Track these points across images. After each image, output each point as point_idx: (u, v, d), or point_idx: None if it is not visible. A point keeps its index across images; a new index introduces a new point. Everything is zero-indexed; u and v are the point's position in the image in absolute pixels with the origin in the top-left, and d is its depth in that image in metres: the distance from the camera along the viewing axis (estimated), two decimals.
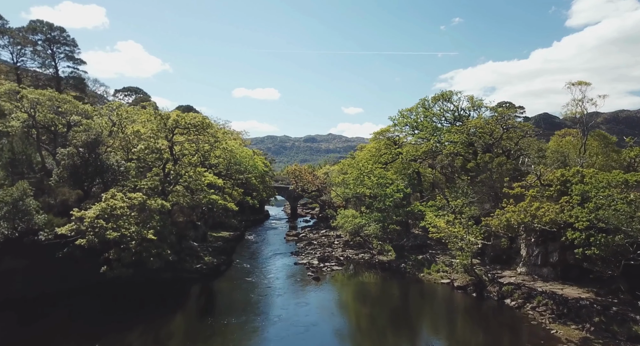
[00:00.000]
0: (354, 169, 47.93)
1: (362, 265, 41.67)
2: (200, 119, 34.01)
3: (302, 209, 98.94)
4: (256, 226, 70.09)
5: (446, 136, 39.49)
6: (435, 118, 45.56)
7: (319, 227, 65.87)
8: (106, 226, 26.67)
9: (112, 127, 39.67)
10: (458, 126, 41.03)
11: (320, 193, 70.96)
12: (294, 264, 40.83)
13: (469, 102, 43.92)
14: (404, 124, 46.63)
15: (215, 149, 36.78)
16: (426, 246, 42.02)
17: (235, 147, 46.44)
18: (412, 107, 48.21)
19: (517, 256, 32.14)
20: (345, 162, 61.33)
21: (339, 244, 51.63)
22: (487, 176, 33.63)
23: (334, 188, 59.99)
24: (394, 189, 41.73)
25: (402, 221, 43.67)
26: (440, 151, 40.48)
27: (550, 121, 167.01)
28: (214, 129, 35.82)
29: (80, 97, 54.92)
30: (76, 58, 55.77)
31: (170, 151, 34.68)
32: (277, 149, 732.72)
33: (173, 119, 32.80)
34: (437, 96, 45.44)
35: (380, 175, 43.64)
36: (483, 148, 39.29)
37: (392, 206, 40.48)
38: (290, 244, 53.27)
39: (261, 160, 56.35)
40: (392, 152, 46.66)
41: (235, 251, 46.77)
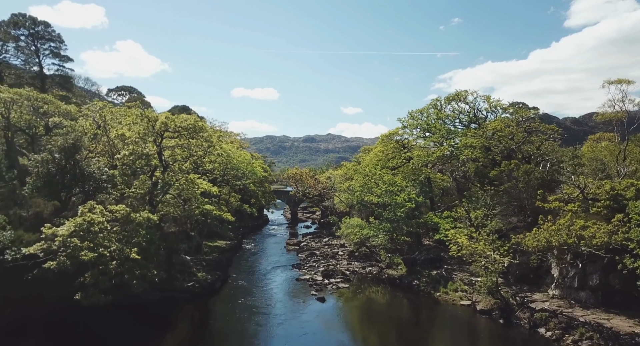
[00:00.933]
0: (359, 174, 44.43)
1: (370, 281, 38.20)
2: (192, 122, 30.46)
3: (302, 213, 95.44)
4: (255, 232, 66.57)
5: (462, 140, 36.03)
6: (448, 120, 42.11)
7: (321, 234, 62.37)
8: (81, 246, 23.08)
9: (96, 130, 36.12)
10: (475, 129, 37.61)
11: (322, 198, 67.46)
12: (295, 280, 37.32)
13: (485, 103, 40.51)
14: (414, 126, 43.15)
15: (209, 154, 33.23)
16: (440, 260, 38.52)
17: (232, 151, 42.93)
18: (422, 108, 44.74)
19: (547, 276, 28.68)
20: (349, 166, 57.84)
21: (344, 255, 48.15)
22: (512, 186, 30.17)
23: (338, 193, 56.52)
24: (404, 197, 38.23)
25: (413, 232, 40.20)
26: (456, 156, 37.00)
27: (549, 122, 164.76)
28: (207, 132, 32.25)
29: (66, 96, 51.37)
30: (62, 55, 52.19)
31: (159, 157, 31.14)
32: (276, 149, 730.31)
33: (161, 121, 29.25)
34: (451, 96, 41.98)
35: (389, 182, 40.15)
36: (503, 154, 35.84)
37: (404, 217, 36.99)
38: (291, 254, 49.79)
39: (260, 164, 52.92)
40: (402, 157, 43.17)
41: (232, 264, 43.23)
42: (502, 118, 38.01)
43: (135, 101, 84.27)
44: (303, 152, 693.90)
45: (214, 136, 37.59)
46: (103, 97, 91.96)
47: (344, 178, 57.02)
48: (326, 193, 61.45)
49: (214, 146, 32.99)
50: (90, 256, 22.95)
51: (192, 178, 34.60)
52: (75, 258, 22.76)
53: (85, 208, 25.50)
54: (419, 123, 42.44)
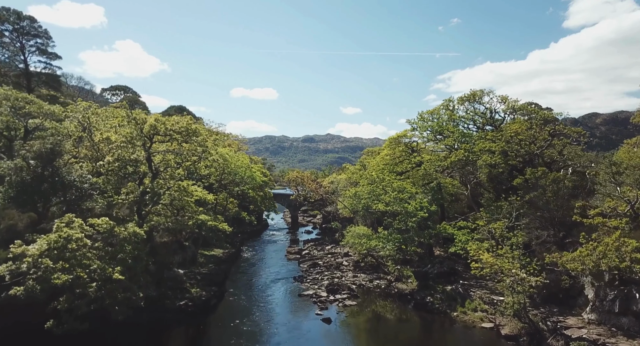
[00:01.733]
0: (366, 180, 41.49)
1: (379, 296, 35.23)
2: (185, 125, 27.49)
3: (302, 217, 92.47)
4: (254, 238, 63.60)
5: (480, 143, 33.12)
6: (461, 122, 39.22)
7: (324, 241, 59.40)
8: (54, 267, 20.11)
9: (81, 133, 33.11)
10: (494, 132, 34.72)
11: (324, 203, 64.50)
12: (298, 295, 34.34)
13: (502, 104, 37.58)
14: (424, 128, 40.21)
15: (204, 159, 30.27)
16: (455, 273, 35.59)
17: (229, 156, 39.95)
18: (433, 109, 41.82)
19: (579, 297, 25.77)
20: (353, 170, 54.91)
21: (349, 265, 45.18)
22: (539, 195, 27.26)
23: (342, 199, 53.62)
24: (416, 205, 35.31)
25: (425, 242, 37.29)
26: (472, 161, 34.06)
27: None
28: (202, 136, 29.29)
29: (54, 96, 48.35)
30: (50, 52, 49.13)
31: (149, 163, 28.15)
32: (275, 150, 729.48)
33: (150, 124, 26.27)
34: (465, 96, 39.07)
35: (398, 188, 37.22)
36: (524, 159, 32.95)
37: (416, 227, 34.07)
38: (292, 264, 46.85)
39: (259, 168, 50.01)
40: (412, 161, 40.22)
41: (229, 276, 40.24)
42: (521, 120, 35.11)
43: (129, 101, 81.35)
44: (302, 152, 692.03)
45: (209, 140, 34.60)
46: (97, 97, 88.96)
47: (348, 183, 54.13)
48: (328, 197, 58.48)
49: (209, 151, 29.97)
50: (64, 279, 19.97)
51: (185, 185, 31.61)
52: (46, 281, 19.78)
53: (62, 223, 22.51)
54: (430, 125, 39.50)
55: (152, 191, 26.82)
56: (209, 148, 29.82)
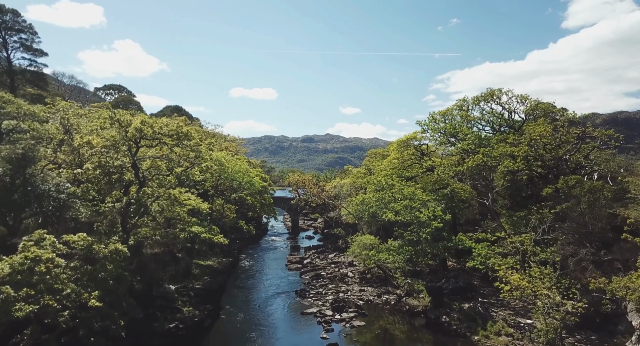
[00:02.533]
0: (373, 185, 38.51)
1: (388, 313, 32.28)
2: (175, 128, 24.46)
3: (303, 221, 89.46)
4: (253, 244, 60.58)
5: (499, 147, 30.17)
6: (477, 124, 36.29)
7: (326, 248, 56.38)
8: (15, 295, 17.08)
9: (63, 136, 30.02)
10: (515, 135, 31.78)
11: (326, 208, 61.50)
12: (300, 314, 31.35)
13: (522, 104, 34.62)
14: (436, 130, 37.23)
15: (197, 165, 27.25)
16: (472, 289, 32.62)
17: (225, 160, 36.94)
18: (446, 110, 38.88)
19: (621, 323, 22.80)
20: (357, 174, 51.91)
21: (354, 277, 42.18)
22: (572, 206, 24.32)
23: (346, 204, 50.63)
24: (429, 215, 32.33)
25: (438, 254, 34.35)
26: (490, 167, 31.07)
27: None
28: (194, 139, 26.26)
29: (39, 95, 45.29)
30: (35, 48, 46.04)
31: (135, 170, 25.11)
32: (274, 150, 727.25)
33: (135, 127, 23.24)
34: (481, 96, 36.11)
35: (409, 195, 34.24)
36: (548, 164, 30.00)
37: (429, 239, 31.12)
38: (293, 275, 43.87)
39: (258, 173, 46.99)
40: (423, 166, 37.23)
41: (225, 290, 37.27)
42: (545, 121, 32.14)
43: (123, 101, 78.27)
44: (301, 152, 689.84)
45: (203, 144, 31.59)
46: (90, 96, 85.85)
47: (352, 187, 51.19)
48: (331, 202, 55.47)
49: (202, 156, 26.94)
50: (27, 310, 16.93)
51: (176, 193, 28.56)
52: (6, 314, 16.76)
53: (30, 241, 19.47)
54: (442, 127, 36.51)
55: (138, 202, 23.79)
56: (202, 153, 26.78)
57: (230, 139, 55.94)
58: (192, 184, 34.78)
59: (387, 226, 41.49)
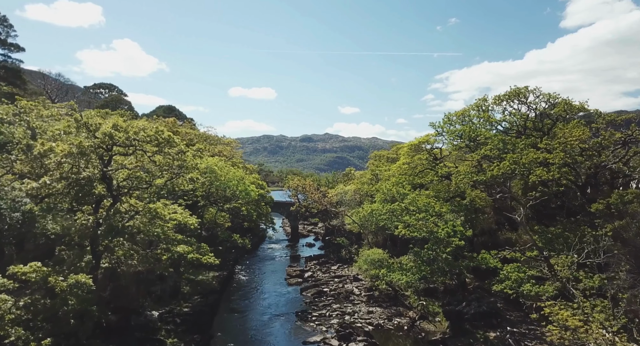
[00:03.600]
0: (382, 194, 34.66)
1: (401, 341, 28.48)
2: (153, 133, 20.56)
3: (303, 226, 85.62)
4: (250, 253, 56.60)
5: (530, 154, 26.34)
6: (499, 126, 32.45)
7: (328, 259, 52.51)
8: None
9: (28, 141, 26.05)
10: (548, 140, 27.96)
11: (328, 214, 57.65)
12: (302, 344, 27.49)
13: (551, 104, 30.75)
14: (453, 134, 33.37)
15: (181, 175, 23.38)
16: (496, 314, 28.74)
17: (218, 167, 33.01)
18: (463, 110, 35.03)
19: None
20: (362, 179, 48.06)
21: (360, 294, 38.31)
22: (626, 225, 20.55)
23: (349, 212, 46.82)
24: (448, 230, 28.50)
25: (457, 273, 30.54)
26: (518, 175, 27.24)
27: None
28: (179, 146, 22.36)
29: (12, 94, 41.24)
30: (10, 43, 42.06)
31: (106, 183, 21.21)
32: (273, 149, 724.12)
33: (104, 132, 19.35)
34: (504, 95, 32.26)
35: (424, 207, 30.43)
36: (587, 173, 26.22)
37: (451, 259, 27.30)
38: (293, 291, 40.03)
39: (255, 179, 43.04)
40: (438, 173, 33.36)
41: (217, 312, 33.41)
42: (578, 123, 28.31)
43: (113, 100, 74.22)
44: (300, 152, 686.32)
45: (190, 150, 27.68)
46: (80, 96, 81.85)
47: (357, 194, 47.38)
48: (333, 210, 51.61)
49: (187, 165, 23.02)
50: None
51: (159, 207, 24.67)
52: None
53: None
54: (461, 129, 32.64)
55: (109, 221, 19.88)
56: (187, 162, 22.87)
57: (224, 142, 52.01)
58: (180, 195, 30.91)
59: (394, 236, 37.78)
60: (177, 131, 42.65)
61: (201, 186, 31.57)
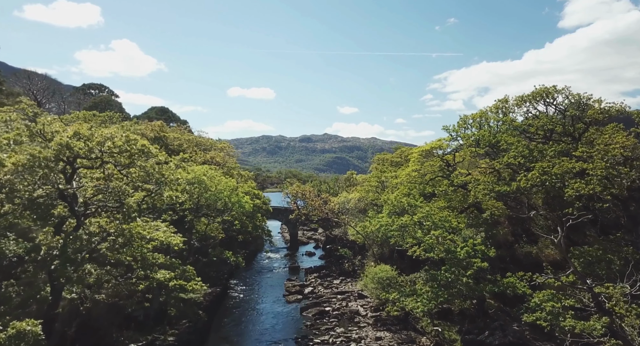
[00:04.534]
0: (391, 206, 31.19)
1: None
2: (122, 143, 17.03)
3: (302, 232, 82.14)
4: (247, 263, 52.96)
5: (564, 163, 22.91)
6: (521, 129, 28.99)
7: (330, 271, 48.97)
8: None
9: None
10: (584, 147, 24.55)
11: (329, 222, 54.18)
12: None
13: (584, 105, 27.29)
14: (471, 139, 29.89)
15: (158, 193, 19.89)
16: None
17: (207, 177, 29.45)
18: (480, 113, 31.61)
19: None
20: (367, 187, 44.60)
21: (366, 315, 34.81)
22: None
23: (353, 223, 43.38)
24: (468, 249, 25.02)
25: (476, 296, 27.07)
26: (550, 187, 23.75)
27: None
28: (156, 157, 18.88)
29: None
30: None
31: (67, 202, 17.70)
32: (272, 149, 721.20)
33: (59, 141, 15.82)
34: (528, 96, 28.80)
35: (439, 222, 26.98)
36: (630, 186, 22.79)
37: (473, 283, 23.84)
38: (292, 310, 36.59)
39: (250, 188, 39.49)
40: (454, 183, 29.87)
41: (208, 339, 29.88)
42: (615, 127, 24.90)
43: (102, 101, 70.56)
44: (299, 152, 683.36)
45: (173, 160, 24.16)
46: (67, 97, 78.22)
47: (364, 203, 43.93)
48: (335, 218, 48.11)
49: (167, 180, 19.50)
50: None
51: (137, 227, 21.19)
52: None
53: None
54: (479, 134, 29.16)
55: (65, 254, 16.33)
56: (167, 176, 19.34)
57: (218, 147, 48.41)
58: (165, 209, 27.39)
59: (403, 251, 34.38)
60: (164, 135, 39.23)
61: (189, 199, 28.06)
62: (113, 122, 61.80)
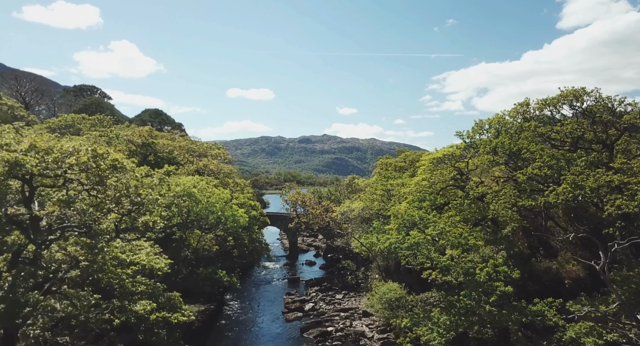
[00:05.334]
0: (400, 220, 28.38)
1: None
2: (85, 159, 14.15)
3: (302, 239, 79.44)
4: (243, 276, 50.21)
5: (602, 176, 20.12)
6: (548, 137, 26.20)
7: (332, 284, 46.11)
8: None
9: None
10: (623, 158, 21.80)
11: (331, 231, 51.37)
12: None
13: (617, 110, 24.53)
14: (486, 146, 27.10)
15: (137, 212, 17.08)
16: None
17: (198, 189, 26.58)
18: (497, 117, 28.84)
19: None
20: (371, 194, 41.82)
21: (372, 337, 31.98)
22: None
23: (356, 233, 40.58)
24: (488, 270, 22.23)
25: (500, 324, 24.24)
26: (582, 201, 21.00)
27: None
28: (131, 171, 16.09)
29: None
30: None
31: (24, 227, 14.87)
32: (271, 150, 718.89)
33: (4, 157, 12.94)
34: (553, 99, 25.99)
35: (455, 239, 24.20)
36: None
37: (496, 311, 21.04)
38: (293, 330, 33.86)
39: (246, 198, 36.56)
40: (470, 195, 27.05)
41: None
42: None
43: (93, 104, 67.66)
44: (298, 153, 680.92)
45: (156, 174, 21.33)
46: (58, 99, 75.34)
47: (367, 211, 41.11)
48: (338, 229, 45.25)
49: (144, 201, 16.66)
50: None
51: (114, 249, 18.41)
52: None
53: None
54: (497, 142, 26.35)
55: (13, 295, 13.49)
56: (143, 198, 16.49)
57: (212, 153, 45.49)
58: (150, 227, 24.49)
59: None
60: (153, 141, 36.41)
61: (177, 213, 25.22)
62: (104, 125, 58.98)
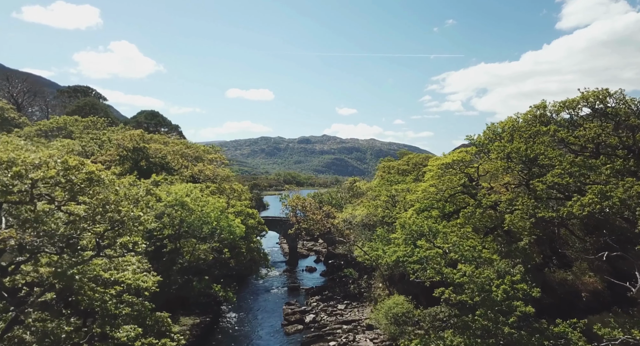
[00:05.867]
0: (407, 230, 26.58)
1: None
2: (55, 173, 12.32)
3: (302, 244, 77.49)
4: (241, 284, 48.29)
5: (635, 186, 18.32)
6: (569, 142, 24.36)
7: (334, 293, 44.28)
8: None
9: None
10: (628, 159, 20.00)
11: (333, 238, 49.52)
12: None
13: None
14: (499, 151, 25.27)
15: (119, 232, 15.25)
16: None
17: (191, 198, 24.73)
18: (511, 120, 27.03)
19: None
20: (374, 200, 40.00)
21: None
22: None
23: (359, 241, 38.75)
24: (505, 287, 20.42)
25: None
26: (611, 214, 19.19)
27: None
28: (111, 185, 14.29)
29: None
30: None
31: None
32: (271, 151, 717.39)
33: None
34: (573, 101, 24.18)
35: (469, 254, 22.38)
36: None
37: (516, 334, 19.21)
38: (293, 344, 31.99)
39: (243, 206, 34.60)
40: (484, 203, 25.22)
41: None
42: None
43: (86, 105, 65.77)
44: (298, 153, 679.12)
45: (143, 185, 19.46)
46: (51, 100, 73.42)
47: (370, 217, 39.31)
48: (340, 237, 43.38)
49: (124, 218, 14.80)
50: None
51: (96, 267, 16.60)
52: None
53: None
54: (512, 147, 24.51)
55: None
56: (123, 215, 14.61)
57: (208, 158, 43.54)
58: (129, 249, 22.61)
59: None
60: (145, 146, 34.52)
61: (169, 224, 23.39)
62: (97, 127, 57.10)
